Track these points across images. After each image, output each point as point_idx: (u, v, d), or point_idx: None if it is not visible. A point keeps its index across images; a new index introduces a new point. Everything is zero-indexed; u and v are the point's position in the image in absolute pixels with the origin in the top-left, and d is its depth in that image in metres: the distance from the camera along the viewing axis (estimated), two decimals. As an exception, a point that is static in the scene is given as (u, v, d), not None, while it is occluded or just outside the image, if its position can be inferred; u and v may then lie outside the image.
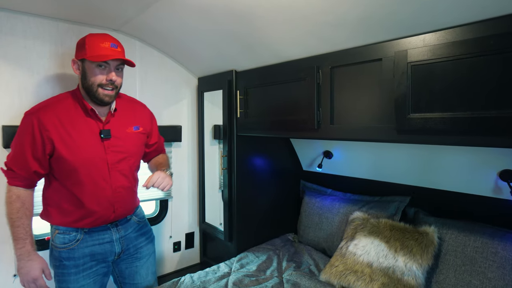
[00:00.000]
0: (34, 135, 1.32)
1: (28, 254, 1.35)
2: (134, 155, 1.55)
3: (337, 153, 2.20)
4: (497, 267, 1.42)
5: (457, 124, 1.09)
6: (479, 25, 1.03)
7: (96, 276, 1.50)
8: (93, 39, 1.35)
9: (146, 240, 1.68)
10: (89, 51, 1.32)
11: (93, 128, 1.42)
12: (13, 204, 1.36)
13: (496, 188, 1.55)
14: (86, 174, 1.39)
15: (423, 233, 1.63)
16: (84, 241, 1.46)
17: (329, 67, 1.49)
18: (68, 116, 1.38)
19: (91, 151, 1.39)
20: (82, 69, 1.37)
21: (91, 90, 1.36)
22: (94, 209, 1.43)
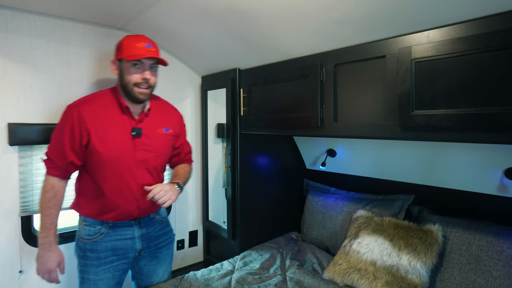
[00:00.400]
0: (73, 127, 1.38)
1: (50, 244, 1.41)
2: (162, 155, 1.59)
3: (340, 151, 2.19)
4: (502, 266, 1.41)
5: (461, 120, 1.08)
6: (483, 21, 1.02)
7: (116, 271, 1.54)
8: (129, 40, 1.43)
9: (166, 240, 1.72)
10: (125, 51, 1.40)
11: (126, 125, 1.47)
12: (47, 193, 1.42)
13: (501, 186, 1.54)
14: (114, 168, 1.44)
15: (427, 231, 1.62)
16: (107, 235, 1.50)
17: (333, 65, 1.48)
18: (105, 112, 1.44)
19: (121, 146, 1.45)
20: (120, 69, 1.44)
21: (127, 89, 1.43)
22: (118, 203, 1.48)
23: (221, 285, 1.70)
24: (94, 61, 1.98)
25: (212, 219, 2.45)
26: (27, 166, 1.81)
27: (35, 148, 1.83)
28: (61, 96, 1.87)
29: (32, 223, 1.85)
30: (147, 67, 1.43)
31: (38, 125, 1.78)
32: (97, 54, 1.99)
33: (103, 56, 2.01)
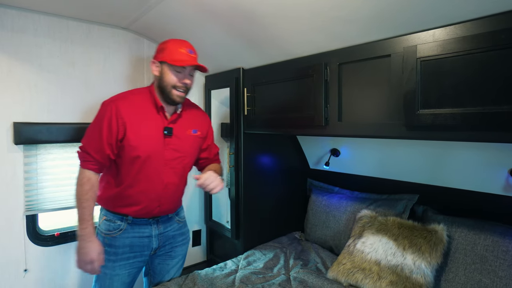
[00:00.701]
0: (111, 121, 1.42)
1: (90, 235, 1.43)
2: (189, 156, 1.63)
3: (344, 151, 2.19)
4: (508, 266, 1.40)
5: (467, 119, 1.08)
6: (489, 20, 1.02)
7: (131, 269, 1.58)
8: (173, 44, 1.48)
9: (182, 241, 1.75)
10: (169, 55, 1.45)
11: (159, 124, 1.51)
12: (84, 186, 1.44)
13: (507, 185, 1.53)
14: (143, 164, 1.48)
15: (432, 231, 1.61)
16: (126, 232, 1.54)
17: (337, 64, 1.48)
18: (140, 109, 1.49)
19: (153, 144, 1.49)
20: (160, 70, 1.48)
21: (165, 90, 1.48)
22: (141, 199, 1.52)
23: (225, 284, 1.70)
24: (99, 61, 1.99)
25: (215, 218, 2.45)
26: (32, 165, 1.82)
27: (40, 147, 1.84)
28: (65, 95, 1.88)
29: (37, 222, 1.87)
30: (187, 72, 1.50)
31: (43, 124, 1.79)
32: (102, 53, 2.00)
33: (108, 56, 2.02)
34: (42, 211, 1.86)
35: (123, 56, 2.07)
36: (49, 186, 1.88)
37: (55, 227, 1.97)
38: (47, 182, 1.87)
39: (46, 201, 1.87)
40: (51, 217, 1.99)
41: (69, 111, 1.89)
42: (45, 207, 1.87)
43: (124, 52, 2.08)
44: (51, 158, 1.88)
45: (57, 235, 1.92)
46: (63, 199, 1.92)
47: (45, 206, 1.87)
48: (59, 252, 1.92)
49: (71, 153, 1.94)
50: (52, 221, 1.99)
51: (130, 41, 2.10)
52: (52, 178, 1.89)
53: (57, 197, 1.91)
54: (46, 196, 1.87)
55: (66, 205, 1.94)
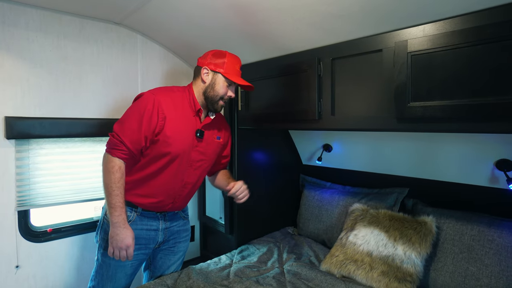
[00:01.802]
0: (152, 113, 1.44)
1: (124, 222, 1.43)
2: (210, 160, 1.68)
3: (336, 146, 2.23)
4: (493, 254, 1.46)
5: (456, 111, 1.12)
6: (476, 15, 1.06)
7: (134, 260, 1.59)
8: (231, 59, 1.55)
9: (185, 237, 1.78)
10: (226, 69, 1.52)
11: (193, 125, 1.55)
12: (115, 174, 1.42)
13: (492, 177, 1.59)
14: (171, 161, 1.51)
15: (422, 222, 1.66)
16: (134, 223, 1.54)
17: (330, 59, 1.51)
18: (179, 106, 1.53)
19: (185, 143, 1.52)
20: (213, 79, 1.53)
21: (212, 99, 1.54)
22: (158, 193, 1.54)
23: (219, 278, 1.71)
24: (92, 56, 1.98)
25: (209, 214, 2.46)
26: (24, 160, 1.80)
27: (32, 142, 1.82)
28: (58, 90, 1.86)
29: (29, 218, 1.85)
30: (234, 87, 1.59)
31: (35, 119, 1.77)
32: (95, 48, 1.99)
33: (101, 51, 2.01)
34: (34, 206, 1.84)
35: (116, 51, 2.07)
36: (41, 182, 1.86)
37: (47, 223, 1.95)
38: (39, 178, 1.85)
39: (38, 197, 1.85)
40: (44, 212, 1.97)
41: (62, 106, 1.87)
42: (37, 202, 1.85)
43: (117, 47, 2.07)
44: (43, 153, 1.86)
45: (49, 231, 1.91)
46: (56, 194, 1.91)
47: (38, 202, 1.85)
48: (52, 248, 1.90)
49: (64, 148, 1.93)
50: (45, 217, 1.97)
51: (123, 37, 2.09)
52: (44, 174, 1.87)
53: (50, 193, 1.89)
54: (39, 192, 1.85)
55: (59, 200, 1.92)
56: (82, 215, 2.09)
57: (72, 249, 1.98)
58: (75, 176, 1.98)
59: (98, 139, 2.06)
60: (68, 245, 1.96)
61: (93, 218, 2.09)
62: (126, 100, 2.11)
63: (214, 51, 1.57)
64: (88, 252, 2.03)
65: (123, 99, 2.10)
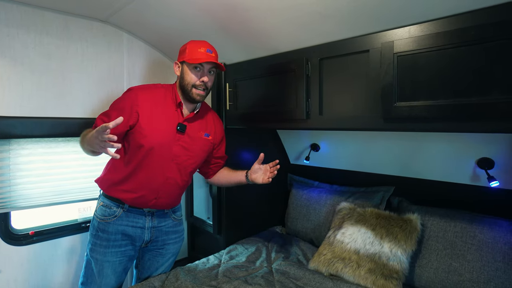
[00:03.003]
0: (125, 105, 1.49)
1: None
2: (195, 157, 1.65)
3: (324, 145, 2.25)
4: (475, 250, 1.50)
5: (440, 111, 1.15)
6: (460, 17, 1.09)
7: (123, 257, 1.59)
8: (192, 44, 1.52)
9: (175, 239, 1.75)
10: (188, 55, 1.50)
11: (174, 119, 1.55)
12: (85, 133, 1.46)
13: (474, 175, 1.64)
14: (148, 154, 1.51)
15: (407, 220, 1.69)
16: (120, 219, 1.57)
17: (318, 59, 1.53)
18: (160, 101, 1.54)
19: (164, 136, 1.53)
20: (181, 70, 1.54)
21: (186, 89, 1.53)
22: (140, 187, 1.54)
23: (208, 278, 1.70)
24: (76, 54, 1.93)
25: (196, 214, 2.44)
26: (5, 161, 1.74)
27: (13, 142, 1.77)
28: (41, 88, 1.81)
29: (9, 221, 1.79)
30: (206, 71, 1.52)
31: (17, 118, 1.72)
32: (79, 46, 1.94)
33: (86, 49, 1.97)
34: (15, 208, 1.79)
35: (101, 49, 2.02)
36: (23, 183, 1.80)
37: (29, 225, 1.89)
38: (20, 179, 1.80)
39: (19, 199, 1.80)
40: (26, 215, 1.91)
41: (45, 105, 1.82)
42: (18, 204, 1.80)
43: (102, 45, 2.03)
44: (25, 154, 1.80)
45: (31, 233, 1.85)
46: (38, 196, 1.85)
47: (19, 204, 1.80)
48: (34, 251, 1.84)
49: (47, 148, 1.88)
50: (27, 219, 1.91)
51: (109, 35, 2.05)
52: (26, 175, 1.81)
53: (32, 194, 1.83)
54: (20, 193, 1.80)
55: (41, 202, 1.87)
56: (66, 217, 2.03)
57: (55, 252, 1.93)
58: (59, 177, 1.93)
59: (83, 139, 2.01)
60: (51, 248, 1.91)
61: (77, 220, 2.04)
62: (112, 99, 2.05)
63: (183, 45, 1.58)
64: (72, 254, 1.98)
65: (108, 98, 2.05)
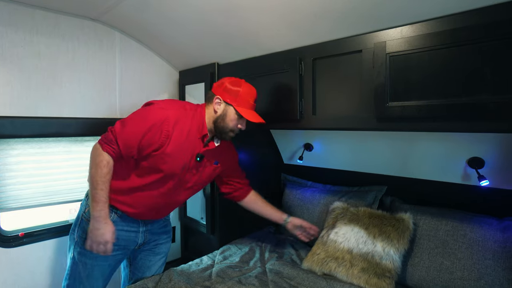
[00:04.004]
0: (158, 129, 1.40)
1: (106, 217, 1.40)
2: (203, 183, 1.67)
3: (317, 145, 2.25)
4: (466, 248, 1.52)
5: (432, 111, 1.16)
6: (452, 18, 1.11)
7: (112, 261, 1.57)
8: (245, 91, 1.50)
9: (166, 239, 1.77)
10: (239, 102, 1.48)
11: (195, 147, 1.52)
12: (103, 168, 1.39)
13: (465, 175, 1.66)
14: (164, 179, 1.49)
15: (400, 219, 1.71)
16: (114, 224, 1.49)
17: (311, 59, 1.53)
18: (187, 126, 1.48)
19: (182, 164, 1.49)
20: (224, 111, 1.50)
21: (222, 130, 1.51)
22: (141, 206, 1.53)
23: (201, 279, 1.69)
24: (67, 53, 1.90)
25: (190, 215, 2.43)
26: (-6, 161, 1.71)
27: (2, 142, 1.74)
28: (30, 87, 1.78)
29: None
30: (245, 120, 1.53)
31: (5, 118, 1.69)
32: (70, 45, 1.92)
33: (77, 48, 1.94)
34: (4, 210, 1.76)
35: (93, 48, 2.00)
36: (12, 184, 1.78)
37: (19, 227, 1.86)
38: (10, 179, 1.77)
39: (8, 200, 1.77)
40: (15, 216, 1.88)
41: (34, 105, 1.79)
42: (7, 205, 1.77)
43: (94, 44, 2.00)
44: (15, 154, 1.77)
45: (21, 235, 1.82)
46: (28, 197, 1.83)
47: (8, 205, 1.77)
48: (23, 253, 1.81)
49: (37, 148, 1.85)
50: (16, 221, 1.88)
51: (100, 33, 2.02)
52: (16, 175, 1.78)
53: (22, 195, 1.81)
54: (9, 194, 1.77)
55: (31, 203, 1.84)
56: (57, 218, 2.01)
57: (46, 254, 1.90)
58: (49, 178, 1.90)
59: (74, 139, 1.98)
60: (41, 249, 1.88)
61: (68, 221, 2.02)
62: (104, 99, 2.05)
63: (231, 79, 1.53)
64: (62, 256, 1.95)
65: (100, 97, 2.03)
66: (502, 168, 1.53)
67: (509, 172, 1.53)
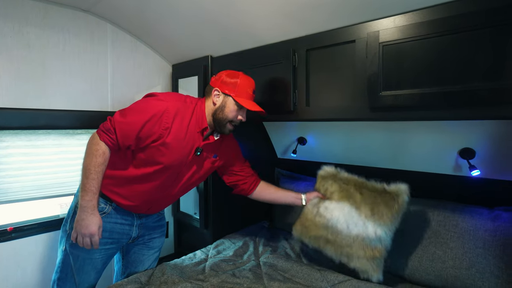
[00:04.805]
0: (159, 120, 1.38)
1: (93, 208, 1.36)
2: (201, 179, 1.66)
3: (310, 139, 2.26)
4: (457, 237, 1.54)
5: (424, 99, 1.17)
6: (444, 6, 1.12)
7: (105, 254, 1.55)
8: (243, 82, 1.48)
9: (160, 233, 1.75)
10: (238, 92, 1.47)
11: (195, 141, 1.50)
12: (98, 158, 1.36)
13: (456, 166, 1.68)
14: (162, 171, 1.46)
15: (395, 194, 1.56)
16: (109, 216, 1.50)
17: (305, 50, 1.53)
18: (187, 119, 1.46)
19: (181, 157, 1.48)
20: (223, 102, 1.48)
21: (220, 121, 1.49)
22: (137, 199, 1.51)
23: (195, 273, 1.68)
24: (58, 44, 1.87)
25: (183, 209, 2.41)
26: (-19, 153, 1.67)
27: (-9, 134, 1.70)
28: (19, 79, 1.75)
29: (-14, 216, 1.72)
30: (245, 110, 1.52)
31: (-7, 109, 1.65)
32: (61, 36, 1.89)
33: (68, 39, 1.91)
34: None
35: (84, 40, 1.97)
36: (1, 177, 1.74)
37: (8, 221, 1.82)
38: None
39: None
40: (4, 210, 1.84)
41: (24, 96, 1.76)
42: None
43: (85, 36, 1.97)
44: (3, 146, 1.74)
45: (10, 229, 1.78)
46: (17, 190, 1.79)
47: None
48: (13, 248, 1.78)
49: (26, 141, 1.81)
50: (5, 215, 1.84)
51: (92, 25, 2.00)
52: (4, 168, 1.75)
53: (10, 189, 1.77)
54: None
55: (20, 197, 1.81)
56: (47, 213, 1.97)
57: (36, 249, 1.86)
58: (39, 171, 1.87)
59: (65, 132, 1.95)
60: (31, 244, 1.84)
61: (59, 216, 1.98)
62: (95, 91, 2.02)
63: (228, 72, 1.52)
64: (53, 251, 1.92)
65: (91, 90, 2.01)
66: (492, 158, 1.55)
67: (499, 162, 1.55)
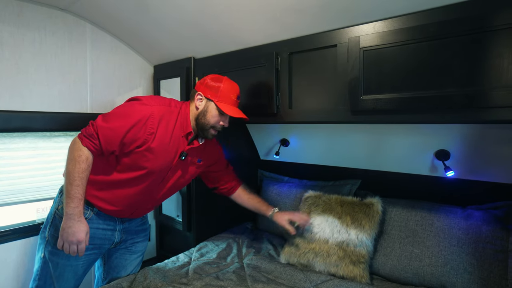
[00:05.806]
0: (143, 125, 1.36)
1: (80, 215, 1.33)
2: (185, 182, 1.64)
3: (293, 140, 2.28)
4: (433, 236, 1.60)
5: (402, 103, 1.22)
6: (421, 14, 1.17)
7: (87, 261, 1.52)
8: (226, 87, 1.47)
9: (143, 237, 1.73)
10: (221, 97, 1.45)
11: (179, 146, 1.48)
12: (82, 164, 1.32)
13: (432, 167, 1.74)
14: (146, 176, 1.44)
15: (369, 204, 1.76)
16: (90, 222, 1.46)
17: (288, 53, 1.55)
18: (171, 123, 1.45)
19: (166, 162, 1.46)
20: (205, 107, 1.46)
21: (203, 127, 1.48)
22: (120, 203, 1.49)
23: (178, 276, 1.66)
24: (34, 43, 1.81)
25: (165, 212, 2.38)
26: (-49, 157, 1.59)
27: (-39, 137, 1.62)
28: (-8, 79, 1.68)
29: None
30: (228, 116, 1.50)
31: (-36, 111, 1.58)
32: (37, 35, 1.82)
33: (44, 38, 1.85)
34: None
35: (62, 39, 1.91)
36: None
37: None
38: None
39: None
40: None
41: (-3, 97, 1.69)
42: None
43: (63, 35, 1.91)
44: (-26, 150, 1.66)
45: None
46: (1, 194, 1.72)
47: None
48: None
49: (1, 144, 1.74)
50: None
51: (70, 24, 1.94)
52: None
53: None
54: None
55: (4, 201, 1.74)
56: (23, 218, 1.90)
57: (10, 256, 1.79)
58: (14, 175, 1.80)
59: (41, 135, 1.89)
60: (5, 251, 1.77)
61: (35, 221, 1.91)
62: (74, 93, 1.97)
63: (212, 76, 1.51)
64: (29, 258, 1.85)
65: (70, 91, 1.95)
66: (466, 160, 1.63)
67: (472, 163, 1.62)
